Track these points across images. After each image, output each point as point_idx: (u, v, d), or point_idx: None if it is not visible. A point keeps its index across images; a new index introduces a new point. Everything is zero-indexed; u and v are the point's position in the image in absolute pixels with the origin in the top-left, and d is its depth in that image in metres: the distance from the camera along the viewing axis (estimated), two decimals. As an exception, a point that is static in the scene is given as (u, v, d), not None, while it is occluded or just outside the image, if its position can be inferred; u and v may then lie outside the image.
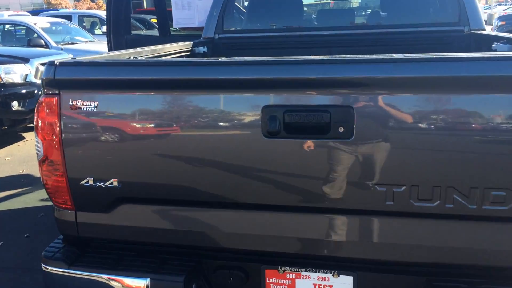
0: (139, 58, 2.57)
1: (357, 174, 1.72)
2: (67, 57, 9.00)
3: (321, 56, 1.76)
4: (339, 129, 1.68)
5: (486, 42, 3.23)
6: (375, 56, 1.69)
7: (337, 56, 1.77)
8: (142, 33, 8.10)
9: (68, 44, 11.12)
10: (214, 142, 1.80)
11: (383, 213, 1.73)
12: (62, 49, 10.38)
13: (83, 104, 1.81)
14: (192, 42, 3.47)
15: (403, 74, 1.63)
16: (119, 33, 5.11)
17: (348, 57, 1.71)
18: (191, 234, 1.93)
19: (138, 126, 1.83)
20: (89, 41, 12.02)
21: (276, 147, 1.71)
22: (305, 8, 4.73)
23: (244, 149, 1.78)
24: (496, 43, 2.67)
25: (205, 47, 3.60)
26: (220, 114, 1.77)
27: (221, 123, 1.77)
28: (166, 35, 5.97)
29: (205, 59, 1.88)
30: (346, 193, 1.73)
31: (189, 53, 3.40)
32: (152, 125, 1.82)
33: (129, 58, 2.48)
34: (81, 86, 1.85)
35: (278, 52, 3.87)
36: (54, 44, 10.80)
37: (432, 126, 1.63)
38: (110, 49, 5.19)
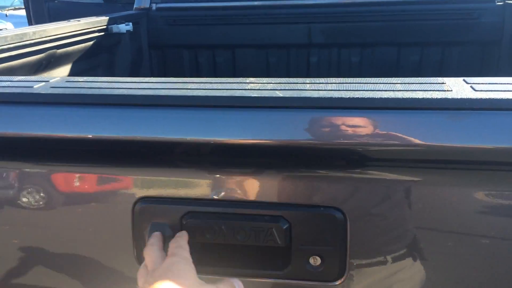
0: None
1: None
2: (5, 25, 7.75)
3: (276, 83, 0.75)
4: (311, 261, 0.73)
5: None
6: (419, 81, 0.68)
7: (318, 80, 0.74)
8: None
9: (15, 9, 9.73)
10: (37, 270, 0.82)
11: None
12: (6, 15, 9.05)
13: None
14: (108, 17, 2.38)
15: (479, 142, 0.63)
16: (39, -2, 3.96)
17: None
18: None
19: None
20: (42, 5, 10.67)
21: None
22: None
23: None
24: None
25: (130, 24, 2.51)
26: (43, 210, 0.79)
27: (45, 231, 0.80)
28: (112, 1, 4.83)
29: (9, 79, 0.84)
30: None
31: (102, 34, 2.31)
32: None
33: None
34: None
35: (238, 29, 2.86)
36: (-3, 9, 9.45)
37: None
38: (29, 21, 4.06)
